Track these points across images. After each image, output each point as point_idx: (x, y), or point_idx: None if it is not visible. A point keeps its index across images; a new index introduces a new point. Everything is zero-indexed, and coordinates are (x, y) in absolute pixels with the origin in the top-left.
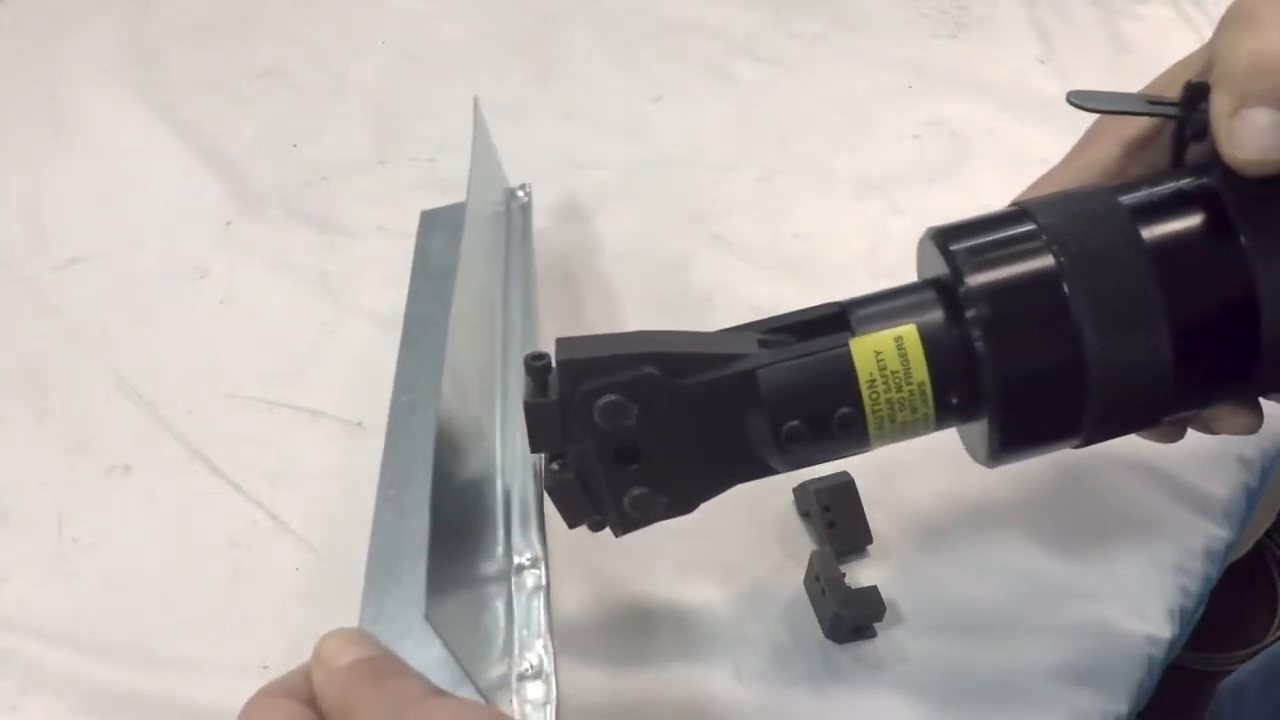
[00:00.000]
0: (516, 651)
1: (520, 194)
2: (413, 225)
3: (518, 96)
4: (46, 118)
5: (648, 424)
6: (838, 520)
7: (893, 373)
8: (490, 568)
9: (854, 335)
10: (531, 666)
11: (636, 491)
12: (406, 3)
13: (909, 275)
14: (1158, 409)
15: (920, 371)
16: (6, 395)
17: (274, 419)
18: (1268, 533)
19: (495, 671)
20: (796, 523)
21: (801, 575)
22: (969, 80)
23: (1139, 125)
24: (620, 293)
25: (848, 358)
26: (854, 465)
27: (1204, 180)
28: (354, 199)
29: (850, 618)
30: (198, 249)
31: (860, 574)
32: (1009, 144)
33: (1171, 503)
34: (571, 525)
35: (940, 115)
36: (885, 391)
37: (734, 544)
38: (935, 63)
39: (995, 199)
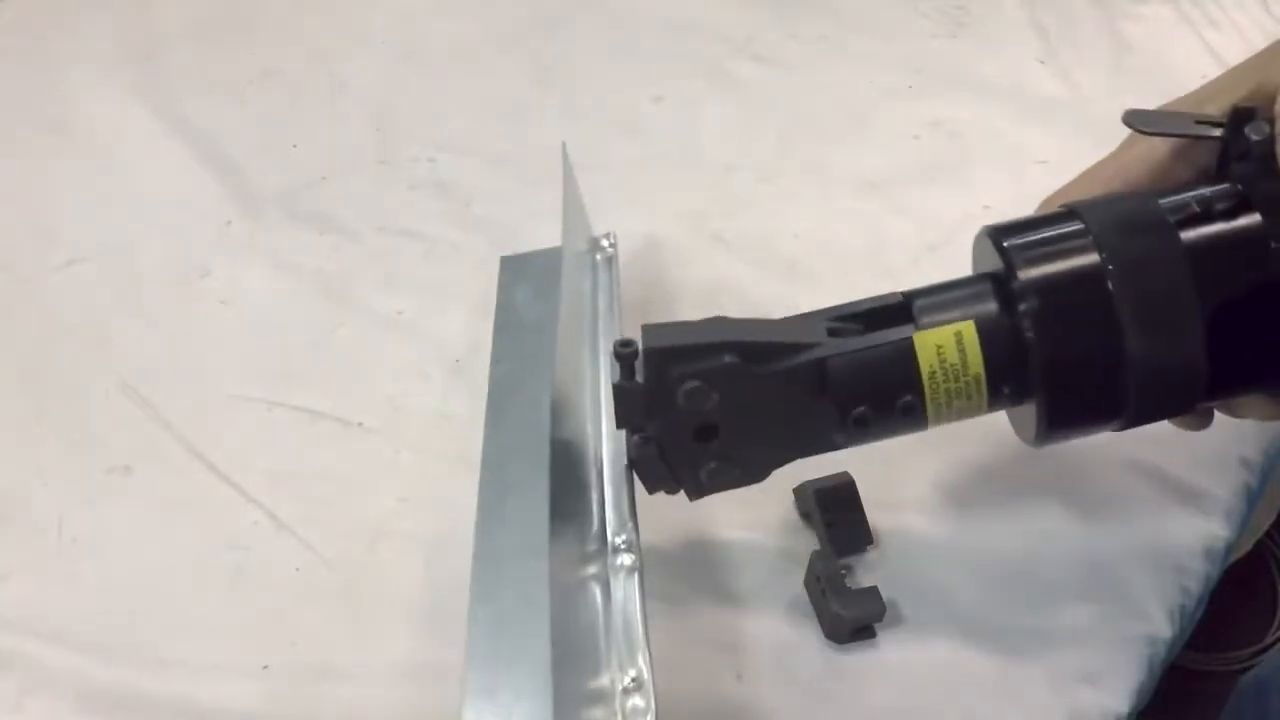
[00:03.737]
0: (616, 665)
1: (605, 244)
2: (413, 224)
3: (518, 96)
4: (46, 118)
5: (726, 406)
6: (837, 520)
7: (951, 365)
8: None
9: (916, 327)
10: (634, 680)
11: (712, 465)
12: (406, 3)
13: (909, 275)
14: (1192, 397)
15: (976, 364)
16: (6, 395)
17: (274, 419)
18: (1268, 533)
19: (599, 683)
20: (797, 523)
21: (801, 575)
22: (969, 80)
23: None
24: (620, 294)
25: (911, 350)
26: (854, 465)
27: (1240, 191)
28: (354, 199)
29: (850, 618)
30: (198, 249)
31: (860, 574)
32: (1009, 144)
33: (1172, 503)
34: (651, 492)
35: (940, 115)
36: (944, 382)
37: (734, 544)
38: (935, 63)
39: (995, 199)
